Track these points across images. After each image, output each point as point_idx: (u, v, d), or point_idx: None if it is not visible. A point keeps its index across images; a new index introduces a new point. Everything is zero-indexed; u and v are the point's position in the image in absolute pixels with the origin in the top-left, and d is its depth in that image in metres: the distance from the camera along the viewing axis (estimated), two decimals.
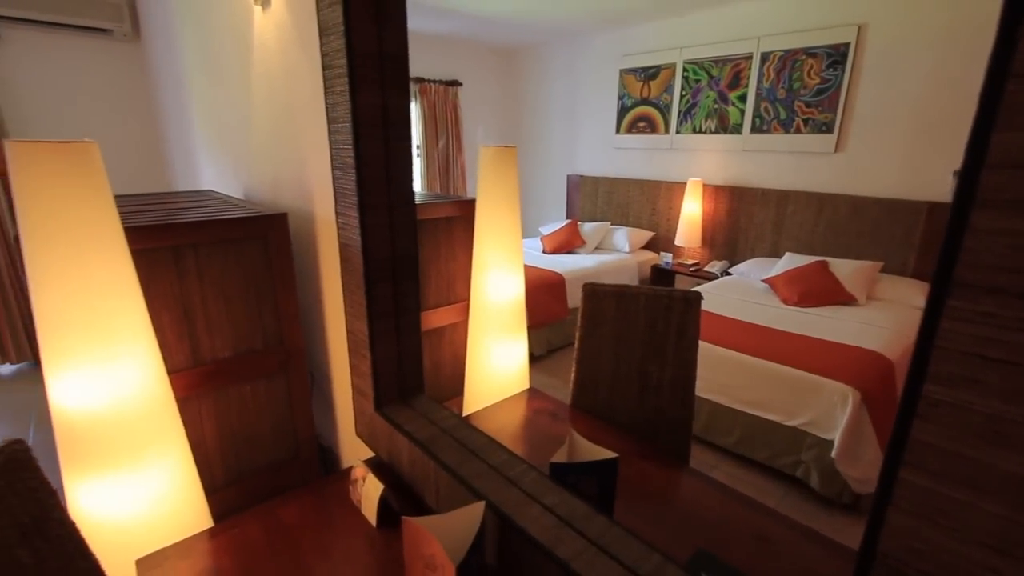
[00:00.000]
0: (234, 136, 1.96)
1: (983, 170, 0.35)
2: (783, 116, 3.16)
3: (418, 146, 4.33)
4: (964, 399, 0.37)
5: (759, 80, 3.24)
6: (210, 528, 0.97)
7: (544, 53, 4.47)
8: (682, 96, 3.65)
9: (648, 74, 3.81)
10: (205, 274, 1.24)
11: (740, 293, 2.77)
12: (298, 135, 1.43)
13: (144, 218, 1.27)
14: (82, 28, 3.07)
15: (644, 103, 3.87)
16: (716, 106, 3.47)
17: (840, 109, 2.88)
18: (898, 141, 2.68)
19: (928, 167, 2.58)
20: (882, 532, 0.41)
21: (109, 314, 0.91)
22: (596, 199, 4.33)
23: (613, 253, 3.84)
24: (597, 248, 3.94)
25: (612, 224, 4.11)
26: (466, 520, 0.75)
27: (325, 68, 0.98)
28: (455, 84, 4.41)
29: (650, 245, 3.94)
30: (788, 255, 2.99)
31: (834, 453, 1.77)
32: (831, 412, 1.83)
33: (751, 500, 0.96)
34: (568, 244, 3.87)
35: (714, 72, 3.46)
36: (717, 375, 2.09)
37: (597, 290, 1.27)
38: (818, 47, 2.95)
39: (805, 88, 3.04)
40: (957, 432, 0.37)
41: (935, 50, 2.46)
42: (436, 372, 1.53)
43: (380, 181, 0.99)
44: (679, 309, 1.19)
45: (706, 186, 3.55)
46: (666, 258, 3.66)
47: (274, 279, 1.37)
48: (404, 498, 1.00)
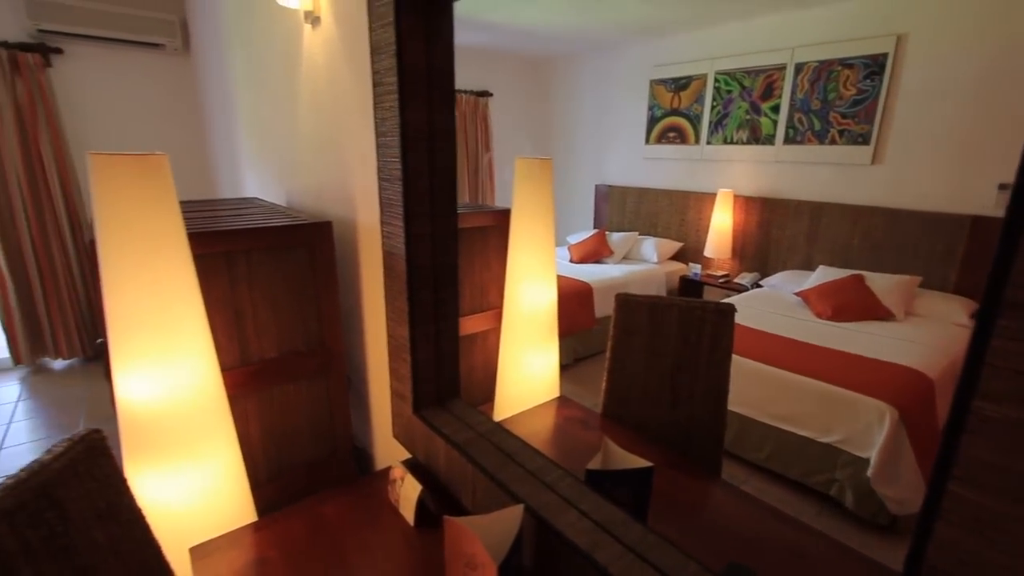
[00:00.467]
0: (278, 145, 2.04)
1: None
2: (817, 127, 3.12)
3: None
4: (1015, 416, 0.37)
5: (793, 91, 3.21)
6: (256, 521, 1.02)
7: (574, 64, 4.51)
8: (713, 107, 3.65)
9: (679, 85, 3.82)
10: (255, 278, 1.30)
11: (771, 306, 2.73)
12: (342, 147, 1.49)
13: (196, 224, 1.34)
14: (137, 43, 3.26)
15: (674, 113, 3.88)
16: (748, 117, 3.45)
17: (878, 120, 2.84)
18: (939, 152, 2.62)
19: (971, 179, 2.51)
20: (929, 544, 0.42)
21: (173, 315, 0.97)
22: (624, 209, 4.34)
23: (641, 263, 3.83)
24: (624, 258, 3.93)
25: (640, 234, 4.10)
26: (506, 522, 0.77)
27: (376, 85, 1.03)
28: (486, 95, 4.49)
29: (678, 256, 3.92)
30: (822, 268, 2.94)
31: (870, 472, 1.73)
32: (867, 430, 1.79)
33: (786, 515, 0.95)
34: (596, 254, 3.88)
35: (746, 83, 3.44)
36: (747, 388, 2.07)
37: (630, 300, 1.28)
38: (854, 58, 2.91)
39: (841, 99, 3.00)
40: (1008, 447, 0.38)
41: (979, 60, 2.40)
42: (467, 377, 1.56)
43: (424, 192, 1.03)
44: (713, 321, 1.20)
45: (737, 197, 3.53)
46: (694, 269, 3.64)
47: (317, 284, 1.42)
48: (440, 499, 1.03)
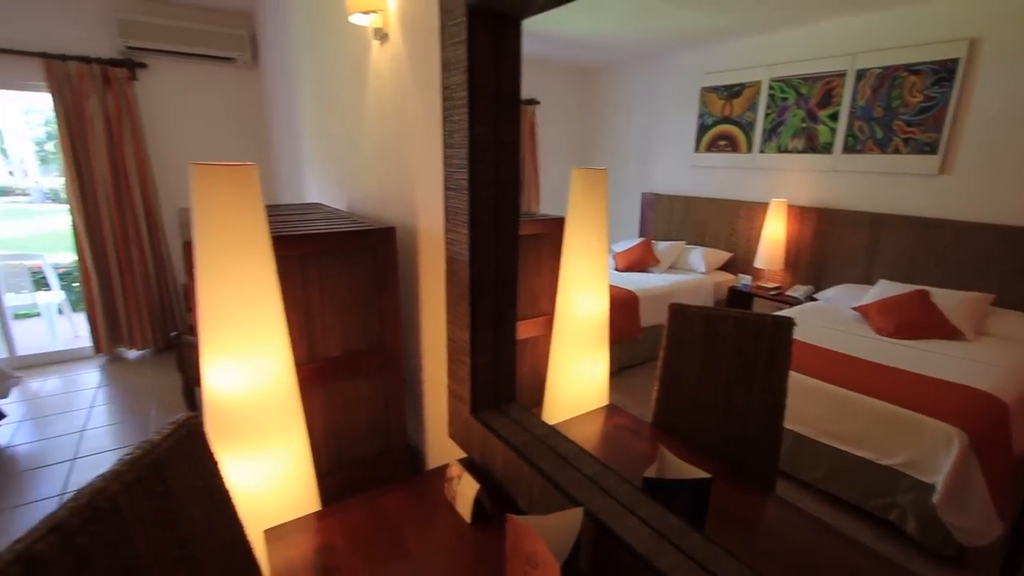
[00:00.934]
0: (341, 153, 2.15)
1: None
2: (879, 135, 2.99)
3: None
4: None
5: (853, 98, 3.09)
6: (320, 510, 1.08)
7: (623, 71, 4.50)
8: (767, 114, 3.56)
9: (731, 92, 3.75)
10: (325, 280, 1.39)
11: (827, 320, 2.64)
12: (405, 156, 1.56)
13: (273, 228, 1.44)
14: (210, 57, 3.50)
15: (725, 121, 3.81)
16: (804, 125, 3.35)
17: (946, 128, 2.69)
18: (1016, 162, 2.46)
19: None
20: None
21: (257, 313, 1.05)
22: (671, 218, 4.28)
23: (688, 273, 3.77)
24: (671, 267, 3.88)
25: (687, 243, 4.04)
26: (566, 523, 0.80)
27: (446, 99, 1.08)
28: (533, 103, 4.54)
29: (727, 266, 3.83)
30: (882, 282, 2.81)
31: (936, 499, 1.64)
32: (932, 454, 1.70)
33: (845, 535, 0.93)
34: (641, 262, 3.85)
35: (803, 90, 3.34)
36: (802, 405, 2.00)
37: (684, 310, 1.28)
38: (922, 63, 2.78)
39: (906, 106, 2.87)
40: None
41: None
42: (518, 382, 1.60)
43: (489, 202, 1.08)
44: (770, 334, 1.18)
45: (791, 207, 3.42)
46: (744, 280, 3.55)
47: (380, 286, 1.50)
48: (495, 498, 1.06)
